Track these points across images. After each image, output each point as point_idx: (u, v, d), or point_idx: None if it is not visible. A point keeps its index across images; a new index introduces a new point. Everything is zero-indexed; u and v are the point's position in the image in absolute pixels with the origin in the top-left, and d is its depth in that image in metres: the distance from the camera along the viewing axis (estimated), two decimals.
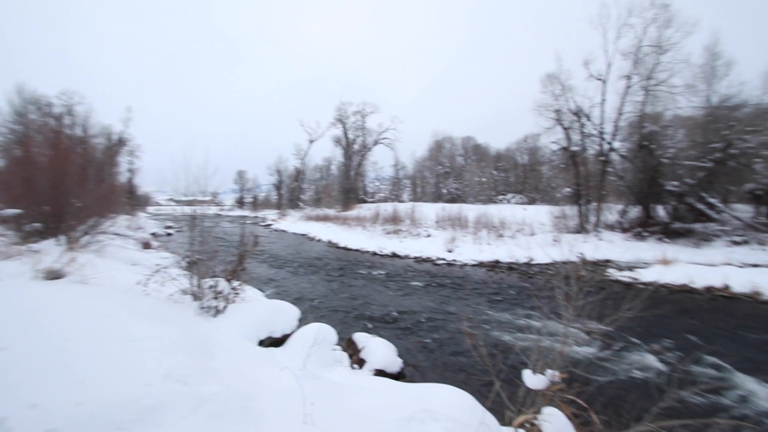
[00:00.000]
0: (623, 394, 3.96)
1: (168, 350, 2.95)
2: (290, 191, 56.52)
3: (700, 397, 4.69)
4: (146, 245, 15.66)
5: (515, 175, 56.19)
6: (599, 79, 20.25)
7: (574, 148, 21.25)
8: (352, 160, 47.00)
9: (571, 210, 21.30)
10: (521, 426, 2.44)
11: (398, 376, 5.03)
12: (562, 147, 21.84)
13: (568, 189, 21.70)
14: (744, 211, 18.18)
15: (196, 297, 5.39)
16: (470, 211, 23.73)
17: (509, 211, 24.57)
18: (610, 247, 16.83)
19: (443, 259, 16.40)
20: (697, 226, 17.43)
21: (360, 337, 5.64)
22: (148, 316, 3.70)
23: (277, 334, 5.19)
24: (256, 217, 53.56)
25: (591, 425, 2.33)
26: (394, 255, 17.98)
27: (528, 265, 15.05)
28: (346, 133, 46.91)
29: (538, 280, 12.04)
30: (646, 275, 12.22)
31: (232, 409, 2.51)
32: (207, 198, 7.18)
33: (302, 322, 5.74)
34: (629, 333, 6.82)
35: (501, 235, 19.63)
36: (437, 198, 51.91)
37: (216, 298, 5.34)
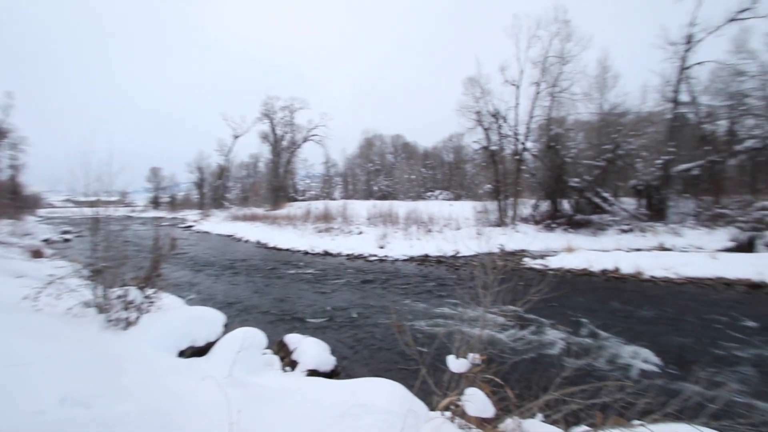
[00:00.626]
0: (533, 368, 4.43)
1: (65, 372, 2.60)
2: (214, 190, 52.84)
3: (595, 364, 5.41)
4: (36, 253, 13.54)
5: (442, 173, 58.93)
6: (513, 85, 22.10)
7: (493, 148, 22.95)
8: (281, 157, 45.38)
9: (491, 205, 22.98)
10: (447, 408, 2.60)
11: (332, 374, 5.02)
12: (483, 146, 23.45)
13: (488, 186, 23.42)
14: (629, 203, 21.22)
15: (102, 309, 4.81)
16: (401, 207, 24.37)
17: (437, 207, 25.71)
18: (525, 238, 18.49)
19: (375, 256, 16.65)
20: (594, 218, 19.94)
21: (292, 339, 5.51)
22: (39, 335, 3.22)
23: (200, 343, 4.86)
24: (175, 218, 49.11)
25: (507, 400, 2.57)
26: (327, 253, 17.81)
27: (455, 257, 15.92)
28: (273, 129, 45.11)
29: (463, 272, 12.81)
30: (554, 262, 13.66)
31: (148, 429, 2.30)
32: (113, 198, 6.43)
33: (228, 327, 5.43)
34: (540, 314, 7.60)
35: (430, 231, 20.48)
36: (369, 195, 52.46)
37: (126, 308, 4.82)
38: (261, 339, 4.95)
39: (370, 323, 7.61)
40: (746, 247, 14.73)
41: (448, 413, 2.69)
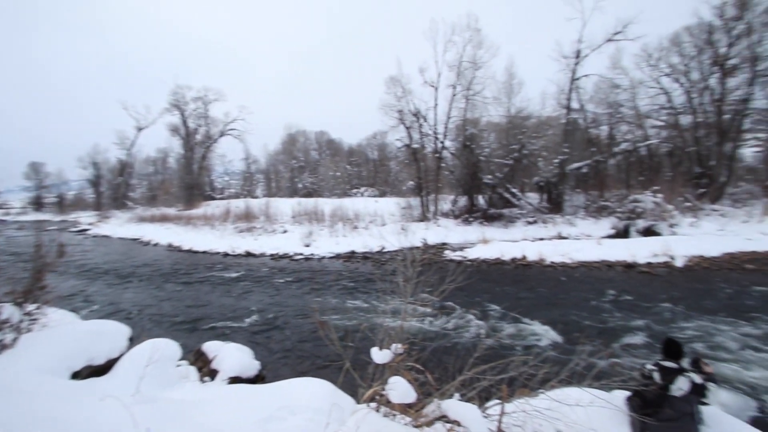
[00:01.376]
0: (451, 351, 4.77)
1: None
2: (114, 188, 46.77)
3: (505, 342, 6.00)
4: None
5: (367, 170, 59.58)
6: (432, 86, 23.20)
7: (415, 146, 23.88)
8: (194, 152, 41.79)
9: (415, 201, 23.93)
10: (372, 399, 2.69)
11: (257, 380, 4.83)
12: (405, 144, 24.28)
13: (411, 182, 24.33)
14: (533, 198, 23.68)
15: None
16: (326, 205, 24.16)
17: (363, 203, 25.97)
18: (446, 232, 19.61)
19: (301, 254, 16.31)
20: (505, 211, 21.88)
21: (211, 347, 5.17)
22: None
23: (100, 361, 4.31)
24: (65, 221, 42.44)
25: (428, 384, 2.74)
26: (249, 254, 16.97)
27: (380, 253, 16.27)
28: (185, 122, 41.31)
29: (388, 267, 13.15)
30: (472, 253, 14.72)
31: None
32: None
33: (135, 341, 4.91)
34: (458, 302, 8.16)
35: (356, 227, 20.64)
36: (293, 193, 50.94)
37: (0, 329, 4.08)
38: (174, 350, 4.57)
39: (296, 323, 7.47)
40: (623, 233, 17.39)
41: (373, 404, 2.78)
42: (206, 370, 4.79)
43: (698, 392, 3.02)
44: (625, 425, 3.22)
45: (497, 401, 2.88)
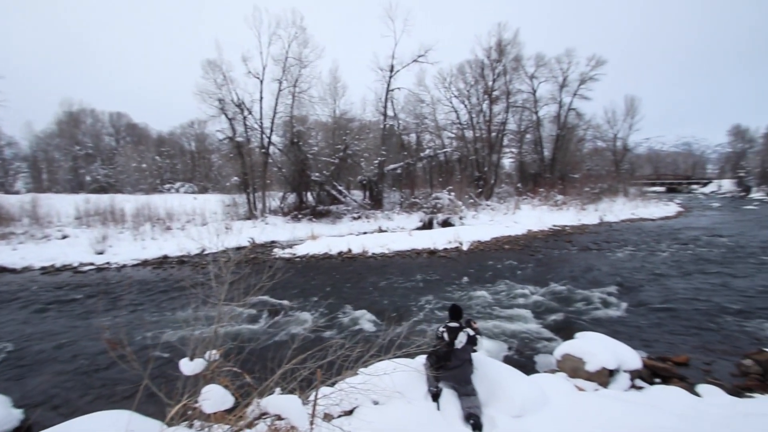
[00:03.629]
0: (272, 348, 4.80)
1: None
2: None
3: (327, 331, 6.38)
4: None
5: (183, 162, 52.27)
6: (257, 78, 22.16)
7: (240, 139, 22.37)
8: None
9: (240, 198, 22.42)
10: (183, 415, 2.45)
11: None
12: (228, 137, 22.45)
13: (236, 178, 22.67)
14: (358, 195, 25.65)
15: None
16: (128, 202, 20.07)
17: (178, 200, 22.74)
18: (275, 230, 19.18)
19: (91, 264, 13.10)
20: (333, 208, 22.95)
21: None
22: None
23: None
24: None
25: (247, 385, 2.69)
26: (3, 269, 12.56)
27: (201, 255, 14.64)
28: None
29: (210, 270, 11.99)
30: (301, 249, 14.86)
31: None
32: None
33: None
34: (286, 298, 8.17)
35: (169, 228, 17.94)
36: (78, 187, 40.13)
37: None
38: None
39: (79, 350, 6.03)
40: (428, 225, 20.74)
41: (185, 421, 2.55)
42: None
43: (472, 342, 3.93)
44: (423, 381, 3.94)
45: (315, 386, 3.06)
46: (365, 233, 18.90)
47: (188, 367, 2.41)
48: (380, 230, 20.04)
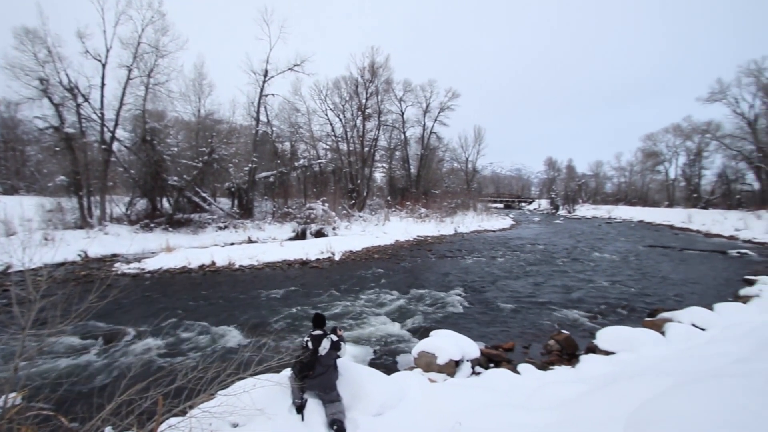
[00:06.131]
0: (103, 381, 4.09)
1: None
2: None
3: (174, 356, 5.73)
4: None
5: None
6: (98, 60, 18.61)
7: (70, 131, 18.27)
8: None
9: (69, 202, 18.24)
10: None
11: None
12: (53, 126, 18.13)
13: (63, 177, 18.36)
14: (225, 203, 23.69)
15: None
16: None
17: None
18: (118, 241, 16.24)
19: None
20: (195, 216, 20.66)
21: None
22: None
23: None
24: None
25: (63, 428, 2.23)
26: None
27: (4, 274, 11.42)
28: None
29: (12, 291, 9.43)
30: (152, 264, 12.91)
31: None
32: None
33: None
34: (127, 321, 7.00)
35: None
36: None
37: None
38: None
39: None
40: (301, 235, 20.42)
41: None
42: None
43: (335, 348, 4.05)
44: (288, 394, 3.87)
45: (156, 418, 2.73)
46: (233, 244, 17.53)
47: None
48: (250, 241, 18.88)
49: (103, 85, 18.80)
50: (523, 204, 75.04)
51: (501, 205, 68.29)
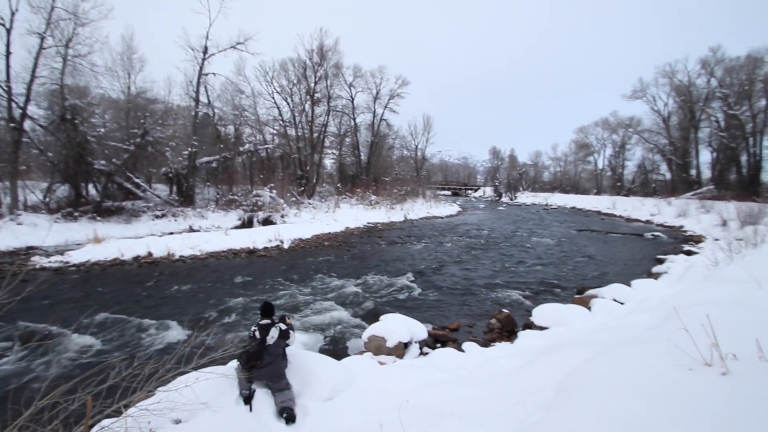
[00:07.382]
0: (18, 385, 3.68)
1: None
2: None
3: (106, 354, 5.33)
4: None
5: None
6: (1, 24, 16.19)
7: None
8: None
9: None
10: None
11: None
12: None
13: None
14: (162, 190, 22.03)
15: None
16: None
17: None
18: (34, 232, 14.56)
19: None
20: (127, 204, 19.02)
21: None
22: None
23: None
24: None
25: None
26: None
27: None
28: None
29: None
30: (77, 256, 11.74)
31: None
32: None
33: None
34: (49, 319, 6.34)
35: None
36: None
37: None
38: None
39: None
40: (248, 224, 19.62)
41: None
42: None
43: (284, 337, 3.99)
44: (235, 386, 3.77)
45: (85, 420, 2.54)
46: (172, 233, 16.42)
47: None
48: (191, 230, 17.81)
49: (9, 54, 16.42)
50: (470, 191, 78.10)
51: (449, 193, 70.51)
